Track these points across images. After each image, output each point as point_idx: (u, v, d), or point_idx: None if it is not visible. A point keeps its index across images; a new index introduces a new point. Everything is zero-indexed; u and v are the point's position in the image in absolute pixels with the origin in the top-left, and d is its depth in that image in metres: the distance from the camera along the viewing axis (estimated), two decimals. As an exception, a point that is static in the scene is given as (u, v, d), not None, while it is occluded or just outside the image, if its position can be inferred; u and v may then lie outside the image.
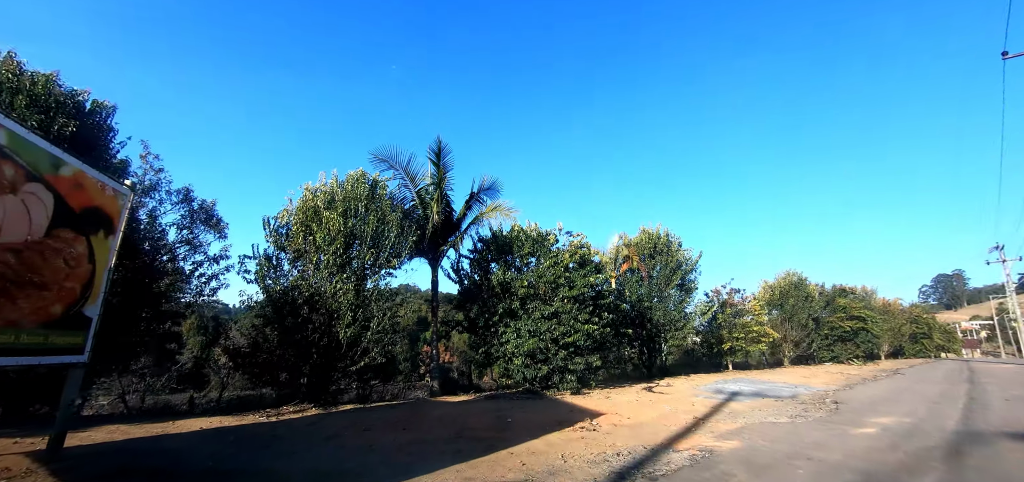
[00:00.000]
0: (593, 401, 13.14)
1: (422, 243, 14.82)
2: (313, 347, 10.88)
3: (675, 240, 22.13)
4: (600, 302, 15.49)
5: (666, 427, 9.34)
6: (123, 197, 6.90)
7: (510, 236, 15.90)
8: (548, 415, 10.51)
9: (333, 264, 11.13)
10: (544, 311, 14.06)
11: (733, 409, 12.13)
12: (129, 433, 7.91)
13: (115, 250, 6.78)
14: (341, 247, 11.09)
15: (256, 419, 9.57)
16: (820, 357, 35.91)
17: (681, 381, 19.90)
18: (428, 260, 15.22)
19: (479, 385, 18.33)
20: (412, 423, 9.12)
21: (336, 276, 11.00)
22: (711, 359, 27.95)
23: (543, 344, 13.91)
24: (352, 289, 11.01)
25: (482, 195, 16.08)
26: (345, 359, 11.17)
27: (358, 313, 11.21)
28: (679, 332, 20.76)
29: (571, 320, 14.02)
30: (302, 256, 11.47)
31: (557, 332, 13.84)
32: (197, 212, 15.57)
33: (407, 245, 12.17)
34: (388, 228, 11.80)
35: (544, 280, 14.50)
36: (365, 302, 11.67)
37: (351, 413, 10.36)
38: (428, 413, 10.51)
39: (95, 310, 6.41)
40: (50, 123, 8.42)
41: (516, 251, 15.56)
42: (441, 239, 14.95)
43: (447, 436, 7.87)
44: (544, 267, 14.61)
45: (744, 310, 26.71)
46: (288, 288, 11.19)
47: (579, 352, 14.46)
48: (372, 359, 11.17)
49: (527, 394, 14.09)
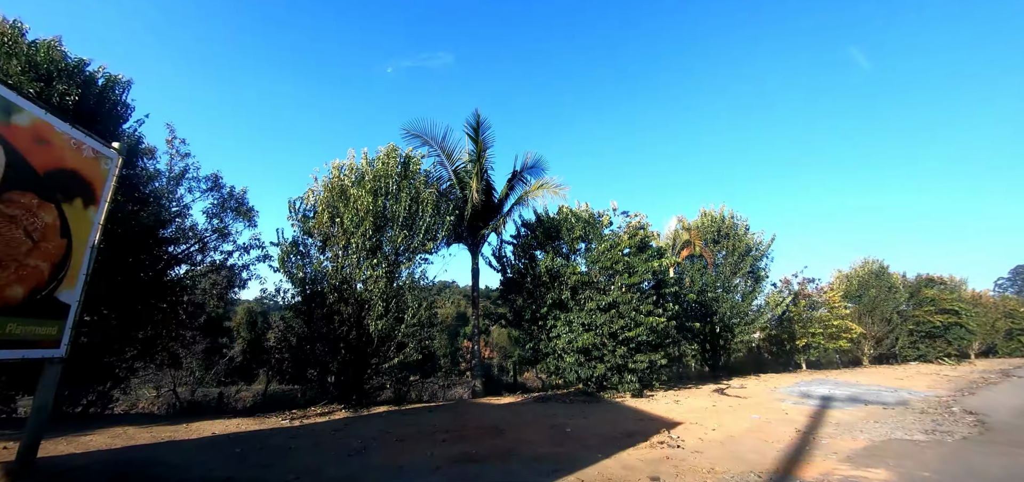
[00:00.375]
0: (661, 406, 11.23)
1: (461, 227, 13.38)
2: (341, 341, 9.66)
3: (742, 222, 19.63)
4: (663, 291, 13.50)
5: (767, 443, 7.39)
6: (108, 161, 5.76)
7: (558, 218, 14.18)
8: (612, 424, 8.77)
9: (362, 249, 9.85)
10: (599, 302, 12.26)
11: (838, 419, 9.94)
12: (133, 438, 6.87)
13: (99, 224, 5.65)
14: (370, 229, 9.78)
15: (278, 423, 8.41)
16: (904, 356, 31.82)
17: (753, 382, 17.49)
18: (467, 246, 13.79)
19: (524, 384, 16.76)
20: (454, 431, 7.64)
21: (366, 261, 9.71)
22: (778, 357, 25.04)
23: (599, 339, 12.12)
24: (384, 276, 9.70)
25: (525, 174, 14.46)
26: (377, 355, 9.89)
27: (391, 304, 9.90)
28: (749, 326, 18.30)
29: (632, 312, 12.15)
30: (329, 241, 10.27)
31: (615, 325, 12.01)
32: (227, 199, 14.97)
33: (444, 227, 10.74)
34: (423, 207, 10.40)
35: (599, 266, 12.70)
36: (398, 291, 10.35)
37: (384, 417, 9.04)
38: (472, 418, 9.02)
39: (74, 296, 5.28)
40: (49, 92, 7.52)
41: (565, 235, 13.82)
42: (481, 222, 13.46)
43: (497, 451, 6.32)
44: (599, 251, 12.80)
45: (819, 302, 23.64)
46: (315, 277, 10.01)
47: (641, 348, 12.57)
48: (407, 356, 9.83)
49: (581, 396, 12.36)
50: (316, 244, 10.67)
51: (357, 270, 9.86)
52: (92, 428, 7.48)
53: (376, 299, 9.52)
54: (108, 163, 5.80)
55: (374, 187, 10.30)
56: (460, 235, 13.86)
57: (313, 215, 10.58)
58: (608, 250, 12.79)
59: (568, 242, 13.93)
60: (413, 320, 9.91)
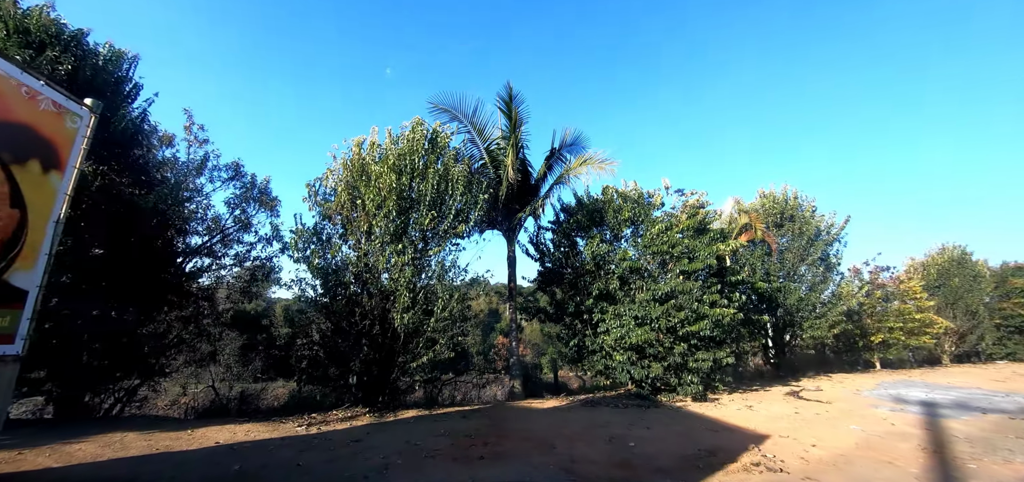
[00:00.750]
0: (732, 412, 9.60)
1: (495, 211, 12.11)
2: (364, 337, 8.58)
3: (808, 203, 17.43)
4: (728, 279, 11.77)
5: (894, 466, 5.80)
6: (76, 119, 4.76)
7: (602, 200, 12.68)
8: (683, 437, 7.27)
9: (386, 232, 8.72)
10: (655, 291, 10.69)
11: (963, 433, 8.14)
12: (126, 448, 5.96)
13: (67, 194, 4.65)
14: (394, 210, 8.65)
15: (293, 430, 7.39)
16: (989, 353, 28.28)
17: (827, 383, 15.40)
18: (502, 232, 12.51)
19: (565, 384, 15.35)
20: (493, 444, 6.37)
21: (389, 247, 8.57)
22: (843, 355, 22.48)
23: (654, 335, 10.56)
24: (410, 264, 8.53)
25: (564, 152, 13.04)
26: (404, 353, 8.75)
27: (418, 295, 8.73)
28: (820, 320, 16.15)
29: (693, 303, 10.53)
30: (350, 226, 9.21)
31: (675, 319, 10.43)
32: (249, 189, 14.30)
33: (477, 207, 9.48)
34: (452, 186, 9.18)
35: (652, 251, 11.14)
36: (426, 281, 9.19)
37: (412, 424, 7.88)
38: (512, 426, 7.73)
39: (32, 279, 4.29)
40: (39, 60, 6.73)
41: (610, 218, 12.31)
42: (517, 204, 12.15)
43: (548, 472, 4.99)
44: (652, 235, 11.22)
45: (895, 293, 20.99)
46: (335, 266, 8.97)
47: (703, 345, 10.92)
48: (438, 353, 8.64)
49: (634, 399, 10.87)
50: (337, 230, 9.65)
51: (380, 257, 8.74)
52: (89, 434, 6.67)
53: (402, 290, 8.38)
54: (77, 121, 4.81)
55: (398, 165, 9.16)
56: (494, 220, 12.61)
57: (333, 198, 9.56)
58: (663, 233, 11.19)
59: (614, 226, 12.42)
60: (444, 313, 8.72)
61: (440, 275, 9.15)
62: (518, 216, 12.07)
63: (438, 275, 9.14)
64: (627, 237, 12.81)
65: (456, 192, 9.15)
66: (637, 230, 12.58)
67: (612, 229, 12.49)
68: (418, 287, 9.11)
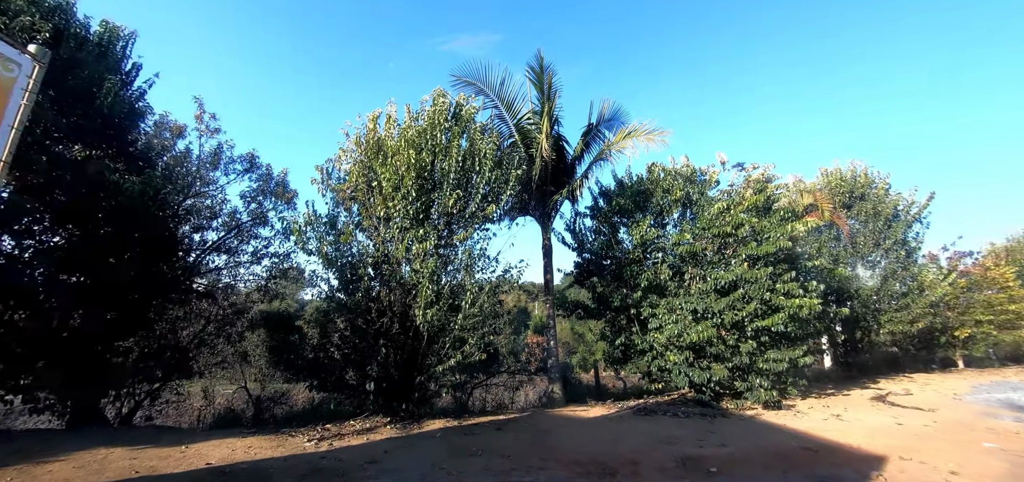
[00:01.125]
0: (819, 423, 8.03)
1: (527, 194, 10.83)
2: (382, 337, 7.50)
3: (881, 180, 15.34)
4: (803, 265, 10.13)
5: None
6: (12, 66, 3.79)
7: (648, 180, 11.23)
8: (774, 458, 5.83)
9: (405, 216, 7.61)
10: (716, 281, 9.18)
11: None
12: (104, 469, 5.07)
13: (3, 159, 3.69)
14: (413, 190, 7.53)
15: (301, 445, 6.37)
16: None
17: (912, 385, 13.42)
18: (536, 218, 11.23)
19: (607, 388, 13.95)
20: (536, 468, 5.12)
21: (409, 233, 7.44)
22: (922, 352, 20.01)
23: (715, 331, 9.07)
24: (433, 251, 7.39)
25: (601, 129, 11.61)
26: (429, 354, 7.62)
27: (443, 288, 7.58)
28: (900, 313, 14.11)
29: (764, 292, 8.97)
30: (365, 212, 8.16)
31: (742, 312, 8.90)
32: (266, 181, 13.57)
33: (509, 186, 8.24)
34: (480, 161, 7.97)
35: (712, 233, 9.60)
36: (452, 272, 8.05)
37: (439, 440, 6.74)
38: (558, 443, 6.47)
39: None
40: (13, 27, 5.92)
41: (659, 198, 10.85)
42: (552, 185, 10.83)
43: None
44: (710, 216, 9.71)
45: (983, 282, 18.46)
46: (348, 258, 7.93)
47: (774, 342, 9.35)
48: (466, 355, 7.46)
49: (695, 406, 9.42)
50: (352, 217, 8.62)
51: (400, 246, 7.63)
52: (73, 449, 5.82)
53: (424, 282, 7.23)
54: (13, 70, 3.85)
55: (418, 141, 8.03)
56: (525, 205, 11.34)
57: (345, 180, 8.53)
58: (724, 213, 9.65)
59: (663, 208, 10.94)
60: (473, 309, 7.53)
61: (467, 265, 7.96)
62: (553, 199, 10.75)
63: (465, 265, 7.95)
64: (675, 221, 11.30)
65: (484, 168, 7.94)
66: (688, 212, 11.07)
67: (661, 212, 11.03)
68: (443, 279, 7.97)
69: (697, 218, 10.53)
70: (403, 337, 7.75)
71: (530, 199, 11.00)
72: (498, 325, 8.58)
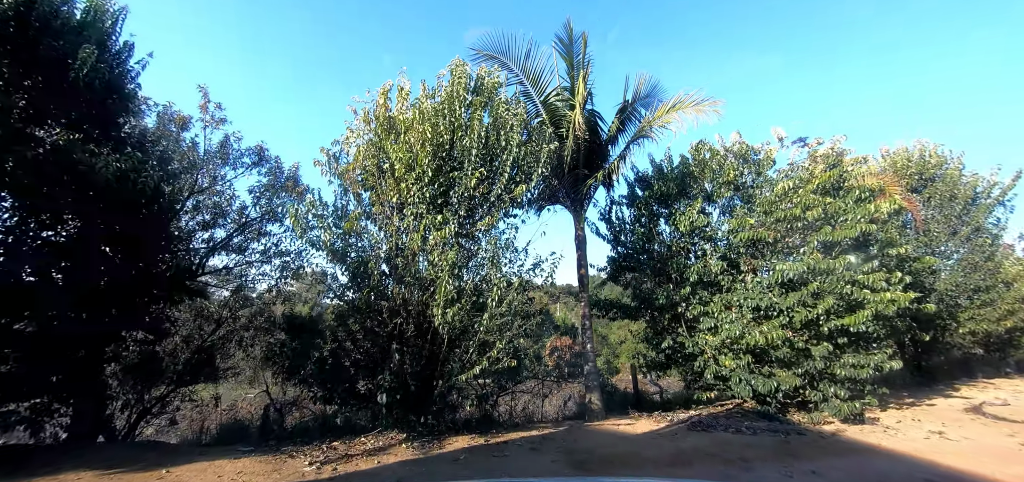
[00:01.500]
0: (920, 442, 6.63)
1: (557, 179, 9.65)
2: (395, 340, 6.45)
3: (954, 160, 13.55)
4: (886, 253, 8.68)
5: None
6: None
7: (696, 159, 9.90)
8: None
9: (420, 201, 6.55)
10: (782, 273, 7.83)
11: None
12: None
13: None
14: (429, 170, 6.46)
15: (301, 470, 5.38)
16: None
17: (1000, 392, 11.66)
18: (567, 206, 10.03)
19: (645, 396, 12.63)
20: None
21: (426, 219, 6.38)
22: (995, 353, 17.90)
23: (784, 332, 7.72)
24: (452, 240, 6.31)
25: (638, 107, 10.35)
26: (449, 360, 6.54)
27: (465, 283, 6.49)
28: (985, 309, 12.34)
29: (843, 286, 7.58)
30: (376, 198, 7.14)
31: (817, 309, 7.54)
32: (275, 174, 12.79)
33: (540, 163, 7.10)
34: (506, 134, 6.86)
35: (775, 217, 8.25)
36: (475, 266, 6.97)
37: (462, 462, 5.67)
38: (609, 470, 5.26)
39: None
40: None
41: (709, 181, 9.53)
42: (585, 167, 9.61)
43: None
44: (774, 196, 8.35)
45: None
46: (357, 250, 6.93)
47: (853, 344, 7.96)
48: (494, 361, 6.34)
49: (759, 420, 8.11)
50: (363, 206, 7.62)
51: (415, 235, 6.56)
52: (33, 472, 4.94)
53: (443, 277, 6.15)
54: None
55: (435, 117, 6.98)
56: (554, 193, 10.17)
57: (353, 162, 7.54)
58: (789, 194, 8.27)
59: (711, 193, 9.62)
60: (500, 307, 6.41)
61: (493, 257, 6.85)
62: (587, 183, 9.53)
63: (491, 257, 6.84)
64: (722, 208, 9.93)
65: (511, 142, 6.83)
66: (739, 195, 9.68)
67: (710, 197, 9.69)
68: (465, 276, 6.90)
69: (753, 202, 9.17)
70: (420, 341, 6.69)
71: (561, 184, 9.82)
72: (529, 327, 7.43)
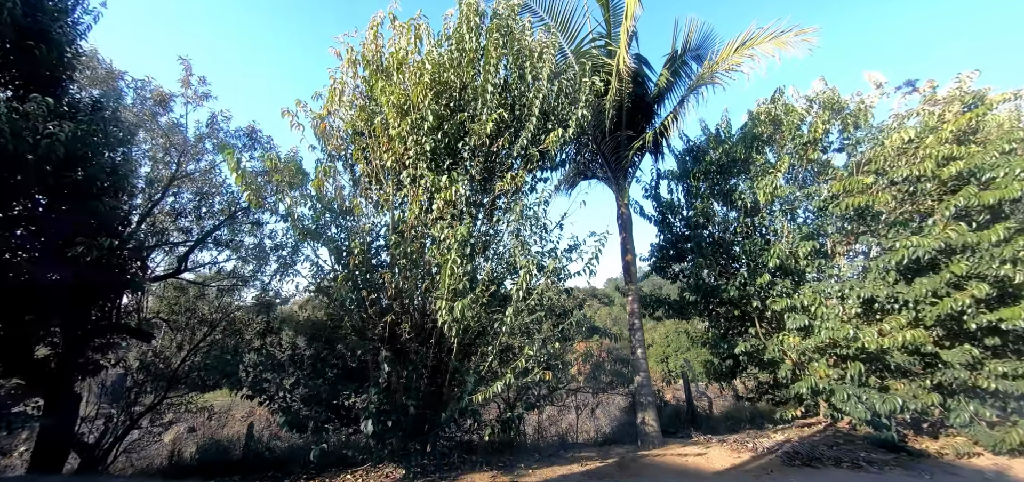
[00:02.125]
0: None
1: (596, 144, 7.79)
2: (384, 343, 4.70)
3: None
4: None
5: None
6: None
7: (768, 115, 7.89)
8: None
9: (417, 156, 4.81)
10: (906, 251, 5.78)
11: None
12: None
13: None
14: (428, 114, 4.71)
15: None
16: None
17: None
18: (606, 179, 8.16)
19: (699, 412, 10.59)
20: None
21: (428, 176, 4.64)
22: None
23: (920, 332, 5.65)
24: (463, 205, 4.55)
25: (688, 59, 8.42)
26: (460, 372, 4.76)
27: (480, 268, 4.73)
28: None
29: (1000, 267, 5.49)
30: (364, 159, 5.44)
31: (961, 300, 5.47)
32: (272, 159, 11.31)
33: (580, 103, 5.27)
34: (532, 68, 5.07)
35: (890, 179, 6.20)
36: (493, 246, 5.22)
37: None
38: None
39: None
40: None
41: (790, 138, 7.51)
42: (629, 129, 7.71)
43: None
44: (891, 149, 6.30)
45: None
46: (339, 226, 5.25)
47: (1009, 345, 5.87)
48: (521, 373, 4.54)
49: (874, 448, 6.05)
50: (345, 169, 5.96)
51: (413, 205, 4.79)
52: None
53: (450, 256, 4.36)
54: None
55: (437, 54, 5.26)
56: (587, 166, 8.32)
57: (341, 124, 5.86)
58: (911, 147, 6.21)
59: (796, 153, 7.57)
60: (530, 301, 4.60)
61: (518, 232, 5.05)
62: (633, 146, 7.61)
63: (516, 232, 5.04)
64: (792, 172, 7.85)
65: (540, 76, 5.02)
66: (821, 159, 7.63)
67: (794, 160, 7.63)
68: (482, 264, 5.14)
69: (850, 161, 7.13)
70: (421, 347, 4.93)
71: (599, 150, 7.94)
72: (568, 328, 5.61)
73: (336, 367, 5.77)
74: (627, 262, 7.69)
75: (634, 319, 7.35)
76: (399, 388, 4.97)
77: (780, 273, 7.20)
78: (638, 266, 9.84)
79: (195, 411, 12.13)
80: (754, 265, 7.34)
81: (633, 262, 7.72)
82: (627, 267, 7.70)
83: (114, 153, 6.79)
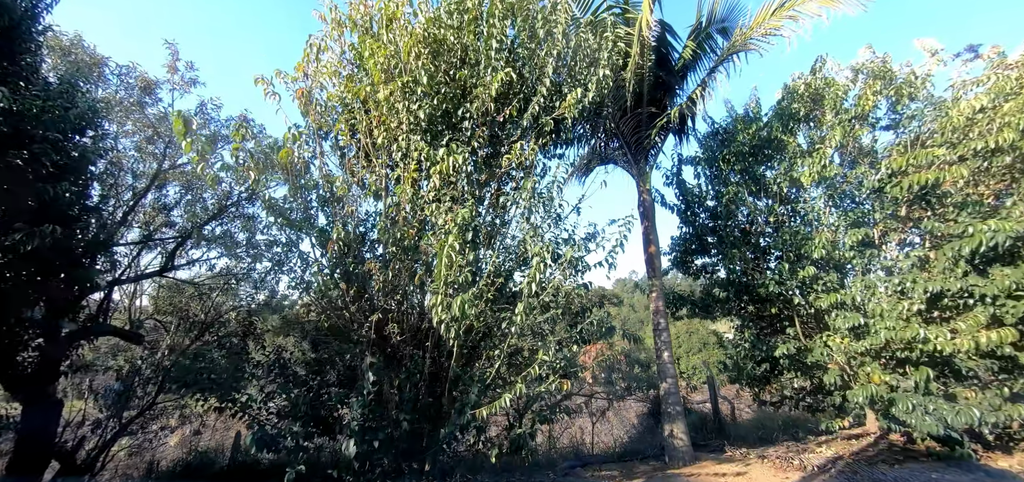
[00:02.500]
0: None
1: (614, 124, 6.98)
2: (370, 348, 3.94)
3: None
4: None
5: None
6: None
7: (808, 90, 7.01)
8: None
9: (408, 124, 4.06)
10: (983, 237, 4.90)
11: None
12: None
13: None
14: (422, 74, 3.95)
15: None
16: None
17: None
18: (624, 163, 7.34)
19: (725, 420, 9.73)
20: None
21: (420, 149, 3.88)
22: None
23: (1001, 332, 4.77)
24: (464, 186, 3.77)
25: (713, 31, 7.59)
26: (462, 380, 4.00)
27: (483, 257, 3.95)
28: None
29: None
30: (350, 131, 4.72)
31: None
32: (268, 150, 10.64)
33: (602, 63, 4.48)
34: (547, 21, 4.29)
35: (959, 154, 5.32)
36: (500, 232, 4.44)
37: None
38: None
39: None
40: None
41: (833, 113, 6.64)
42: (652, 106, 6.91)
43: None
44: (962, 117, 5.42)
45: None
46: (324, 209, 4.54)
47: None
48: (533, 380, 3.75)
49: (947, 467, 5.16)
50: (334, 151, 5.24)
51: (405, 185, 4.04)
52: None
53: (449, 240, 3.59)
54: None
55: (433, 13, 4.51)
56: (603, 149, 7.53)
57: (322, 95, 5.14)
58: (983, 115, 5.33)
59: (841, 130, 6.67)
60: (542, 297, 3.83)
61: (529, 213, 4.28)
62: (656, 124, 6.80)
63: (526, 213, 4.27)
64: (832, 150, 6.96)
65: (554, 32, 4.25)
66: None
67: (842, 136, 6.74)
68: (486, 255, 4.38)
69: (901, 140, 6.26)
70: (415, 351, 4.17)
71: (618, 130, 7.13)
72: (587, 329, 4.83)
73: (321, 374, 5.03)
74: (650, 254, 6.86)
75: (659, 318, 6.51)
76: (391, 399, 4.21)
77: (831, 264, 6.35)
78: (659, 260, 8.97)
79: (193, 416, 11.55)
80: (794, 257, 6.48)
81: (657, 254, 6.90)
82: (650, 259, 6.88)
83: (78, 136, 6.16)
